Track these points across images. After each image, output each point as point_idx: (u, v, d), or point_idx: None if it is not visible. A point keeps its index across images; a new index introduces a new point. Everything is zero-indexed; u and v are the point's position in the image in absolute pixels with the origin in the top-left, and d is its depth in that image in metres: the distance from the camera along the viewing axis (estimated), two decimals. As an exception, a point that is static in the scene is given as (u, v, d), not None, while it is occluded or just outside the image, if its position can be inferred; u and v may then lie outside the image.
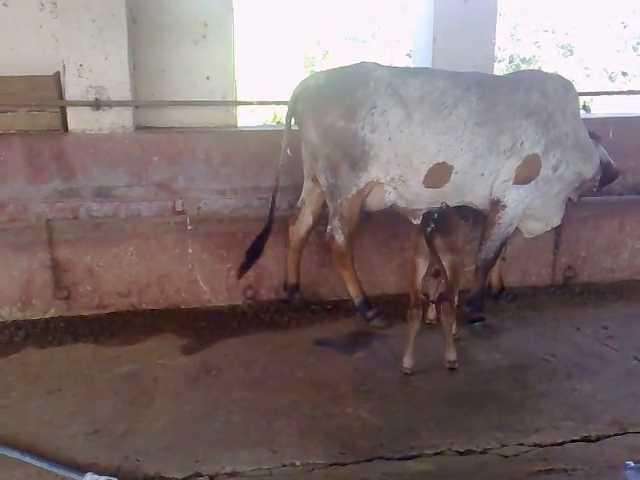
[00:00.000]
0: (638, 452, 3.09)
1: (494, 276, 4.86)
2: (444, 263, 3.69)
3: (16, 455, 3.02)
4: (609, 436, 3.22)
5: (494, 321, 4.55)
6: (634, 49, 13.04)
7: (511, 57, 13.18)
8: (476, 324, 4.45)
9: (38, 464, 2.94)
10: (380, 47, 12.97)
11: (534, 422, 3.33)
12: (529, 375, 3.84)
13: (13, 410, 3.48)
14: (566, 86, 4.53)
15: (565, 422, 3.33)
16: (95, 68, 4.85)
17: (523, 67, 12.45)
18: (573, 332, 4.42)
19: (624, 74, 12.52)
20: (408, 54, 10.84)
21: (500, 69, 12.01)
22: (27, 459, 2.98)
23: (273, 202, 4.50)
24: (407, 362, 3.82)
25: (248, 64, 9.71)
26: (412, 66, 5.69)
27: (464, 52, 5.34)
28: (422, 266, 3.76)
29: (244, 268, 4.59)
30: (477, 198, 4.37)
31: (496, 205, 4.36)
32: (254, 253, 4.55)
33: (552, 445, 3.15)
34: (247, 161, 5.08)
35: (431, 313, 4.32)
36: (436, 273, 3.89)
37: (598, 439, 3.20)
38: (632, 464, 3.01)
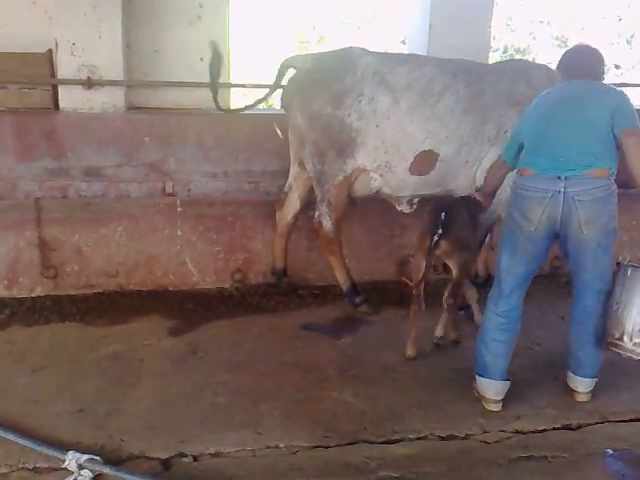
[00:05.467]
0: (618, 440, 3.13)
1: (480, 264, 4.88)
2: (451, 262, 3.74)
3: (-1, 432, 3.02)
4: (590, 424, 3.26)
5: (480, 308, 4.57)
6: (628, 42, 13.03)
7: (505, 47, 13.14)
8: (461, 311, 4.48)
9: (21, 442, 2.94)
10: (375, 33, 12.90)
11: (516, 409, 3.37)
12: (513, 363, 3.82)
13: (-2, 387, 3.47)
14: (552, 76, 4.53)
15: (547, 410, 3.37)
16: (88, 46, 4.82)
17: (517, 57, 12.41)
18: (558, 321, 4.45)
19: (617, 67, 12.51)
20: (403, 41, 10.79)
21: (494, 58, 11.95)
22: (10, 437, 2.97)
23: None
24: (409, 349, 3.85)
25: (242, 46, 9.65)
26: (406, 53, 5.67)
27: (460, 40, 5.29)
28: (425, 265, 3.72)
29: None
30: (460, 186, 4.37)
31: (479, 193, 4.37)
32: None
33: (533, 432, 3.19)
34: (239, 144, 5.07)
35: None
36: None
37: (579, 427, 3.24)
38: (611, 452, 3.05)
